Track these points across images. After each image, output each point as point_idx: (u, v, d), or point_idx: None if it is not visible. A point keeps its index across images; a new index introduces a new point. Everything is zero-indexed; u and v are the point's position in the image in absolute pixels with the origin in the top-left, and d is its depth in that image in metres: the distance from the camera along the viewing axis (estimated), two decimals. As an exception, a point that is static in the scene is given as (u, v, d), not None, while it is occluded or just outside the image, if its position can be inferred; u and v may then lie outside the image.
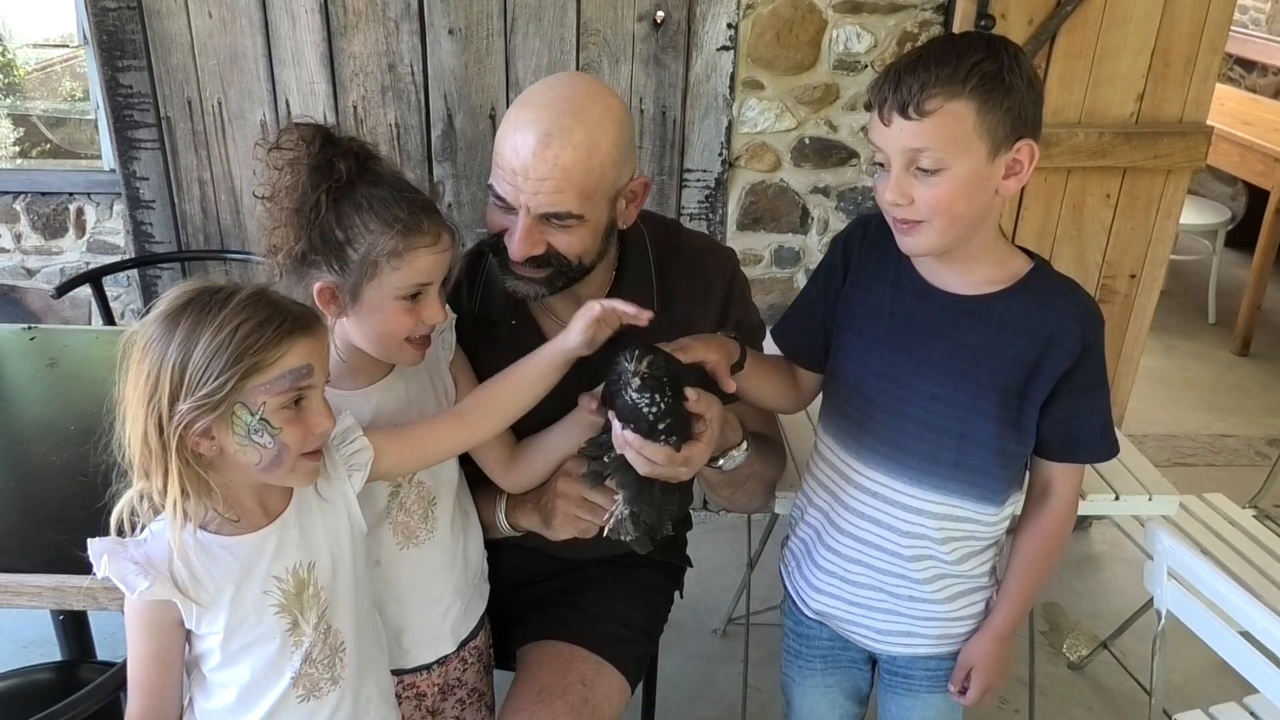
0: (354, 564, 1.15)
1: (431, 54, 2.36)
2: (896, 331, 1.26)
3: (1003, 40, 1.12)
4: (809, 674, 1.48)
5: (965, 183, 1.11)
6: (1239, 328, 3.83)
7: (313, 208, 1.10)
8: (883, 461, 1.28)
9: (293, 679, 1.09)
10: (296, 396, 1.01)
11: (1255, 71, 4.93)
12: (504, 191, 1.22)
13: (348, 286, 1.12)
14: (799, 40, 2.41)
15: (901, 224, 1.16)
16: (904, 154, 1.11)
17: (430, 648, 1.33)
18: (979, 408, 1.22)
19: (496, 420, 1.26)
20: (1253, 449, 3.21)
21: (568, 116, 1.19)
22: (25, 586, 1.29)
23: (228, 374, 0.95)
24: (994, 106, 1.09)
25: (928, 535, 1.29)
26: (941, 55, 1.09)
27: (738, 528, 2.26)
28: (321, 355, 1.04)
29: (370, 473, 1.14)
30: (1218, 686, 2.09)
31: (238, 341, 0.96)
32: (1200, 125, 2.43)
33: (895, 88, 1.10)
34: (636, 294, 1.39)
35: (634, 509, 1.22)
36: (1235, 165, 4.00)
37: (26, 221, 2.65)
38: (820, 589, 1.40)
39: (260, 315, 0.98)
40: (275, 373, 0.98)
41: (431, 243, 1.13)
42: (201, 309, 0.97)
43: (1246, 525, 2.19)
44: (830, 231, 2.62)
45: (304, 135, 1.11)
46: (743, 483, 1.37)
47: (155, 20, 2.31)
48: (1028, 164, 1.14)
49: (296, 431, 1.01)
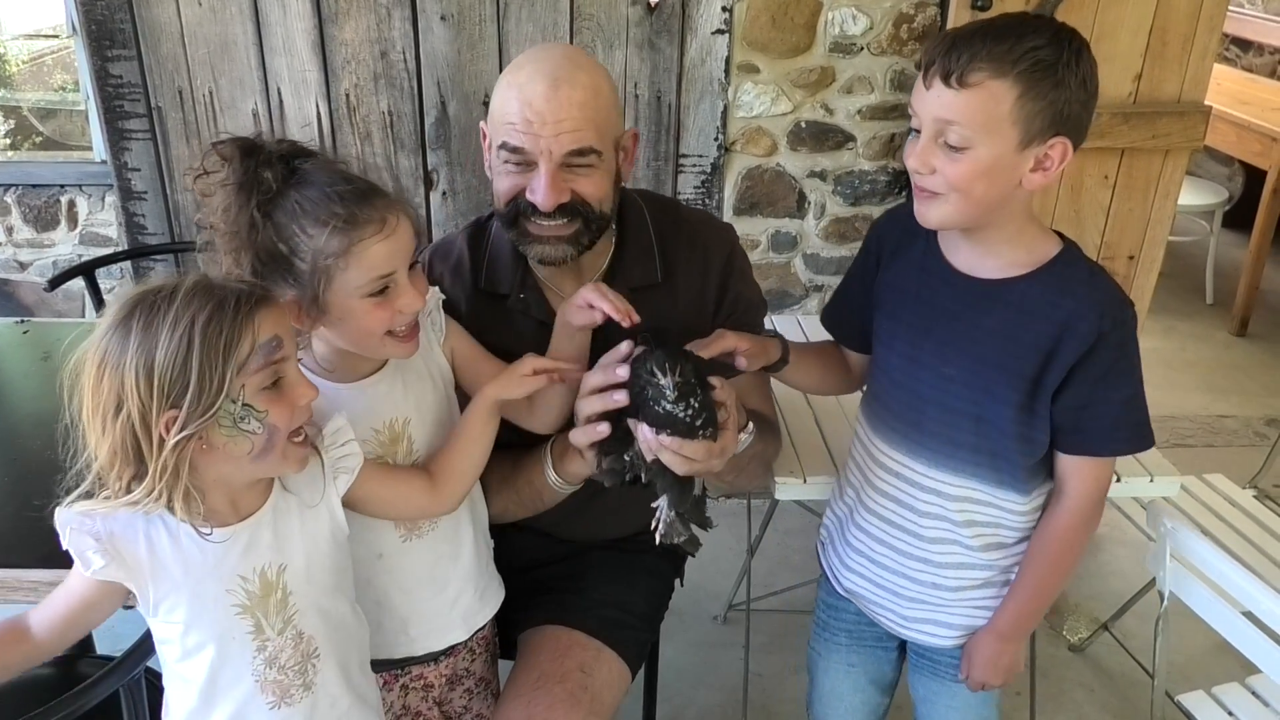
0: (334, 568, 1.12)
1: (424, 40, 2.34)
2: (919, 313, 1.26)
3: (1071, 33, 1.08)
4: (834, 649, 1.48)
5: (988, 166, 1.09)
6: (1237, 308, 3.82)
7: (249, 227, 1.05)
8: (903, 441, 1.29)
9: (257, 683, 1.07)
10: (274, 376, 0.98)
11: (1252, 51, 4.91)
12: (521, 143, 1.21)
13: (308, 297, 1.07)
14: (794, 23, 2.39)
15: (920, 191, 1.16)
16: (934, 123, 1.10)
17: (439, 636, 1.32)
18: (995, 391, 1.20)
19: (461, 484, 1.22)
20: (1251, 429, 3.21)
21: (567, 63, 1.23)
22: (22, 581, 1.28)
23: (206, 369, 0.92)
24: (1038, 96, 1.06)
25: (948, 517, 1.28)
26: (1001, 31, 1.07)
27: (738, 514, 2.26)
28: (284, 325, 1.00)
29: (355, 479, 1.11)
30: (1219, 667, 2.09)
31: (200, 331, 0.92)
32: (1198, 105, 2.42)
33: (945, 51, 1.07)
34: (638, 265, 1.38)
35: (679, 510, 1.22)
36: (1232, 145, 3.99)
37: (18, 214, 2.63)
38: (851, 568, 1.41)
39: (212, 301, 0.94)
40: (246, 353, 0.95)
41: (377, 231, 1.06)
42: (149, 310, 0.93)
43: (1246, 505, 2.19)
44: (827, 216, 2.61)
45: (223, 154, 1.06)
46: (746, 464, 1.37)
47: (144, 9, 2.29)
48: (1058, 163, 1.11)
49: (282, 410, 0.99)
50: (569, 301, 1.25)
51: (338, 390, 1.18)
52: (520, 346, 1.29)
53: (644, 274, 1.38)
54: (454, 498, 1.23)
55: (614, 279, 1.37)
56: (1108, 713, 2.16)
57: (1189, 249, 4.24)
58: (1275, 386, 3.49)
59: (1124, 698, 2.19)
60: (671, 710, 2.10)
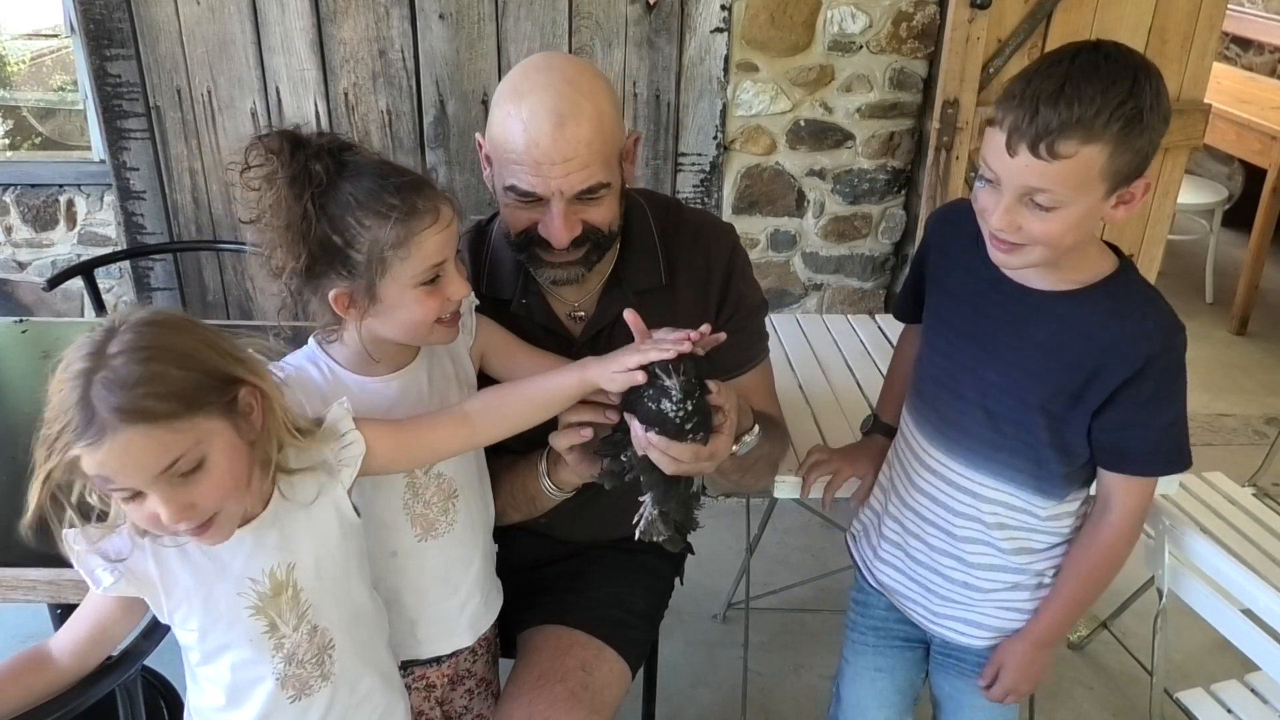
0: (344, 561, 1.12)
1: (422, 39, 2.34)
2: (965, 316, 1.26)
3: (1147, 68, 1.05)
4: (861, 652, 1.48)
5: (1079, 220, 1.08)
6: (1236, 307, 3.82)
7: (302, 219, 1.05)
8: (944, 441, 1.29)
9: (278, 680, 1.07)
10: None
11: (1251, 50, 4.90)
12: (529, 185, 1.20)
13: (362, 288, 1.08)
14: (793, 21, 2.39)
15: (998, 241, 1.13)
16: (1021, 188, 1.07)
17: (446, 640, 1.32)
18: (1035, 402, 1.20)
19: (503, 430, 1.19)
20: (1251, 428, 3.20)
21: (569, 93, 1.19)
22: (20, 580, 1.28)
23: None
24: (1127, 149, 1.04)
25: (980, 519, 1.29)
26: (1085, 90, 1.02)
27: (737, 513, 2.26)
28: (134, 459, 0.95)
29: (361, 468, 1.10)
30: (1217, 665, 2.10)
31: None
32: (1198, 103, 2.42)
33: (1031, 119, 1.03)
34: (643, 267, 1.38)
35: (663, 508, 1.21)
36: (1232, 144, 3.98)
37: (17, 214, 2.63)
38: (884, 560, 1.42)
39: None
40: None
41: (433, 221, 1.08)
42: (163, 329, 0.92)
43: (1246, 504, 2.18)
44: (826, 215, 2.61)
45: (271, 147, 1.06)
46: (752, 465, 1.37)
47: (142, 8, 2.29)
48: (1140, 197, 1.10)
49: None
50: (608, 368, 1.14)
51: (366, 385, 1.18)
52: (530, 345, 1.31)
53: (649, 277, 1.38)
54: (489, 436, 1.20)
55: (619, 283, 1.37)
56: (1107, 711, 2.16)
57: (1188, 248, 4.24)
58: (1274, 385, 3.49)
59: (1123, 695, 2.19)
60: (671, 709, 2.10)
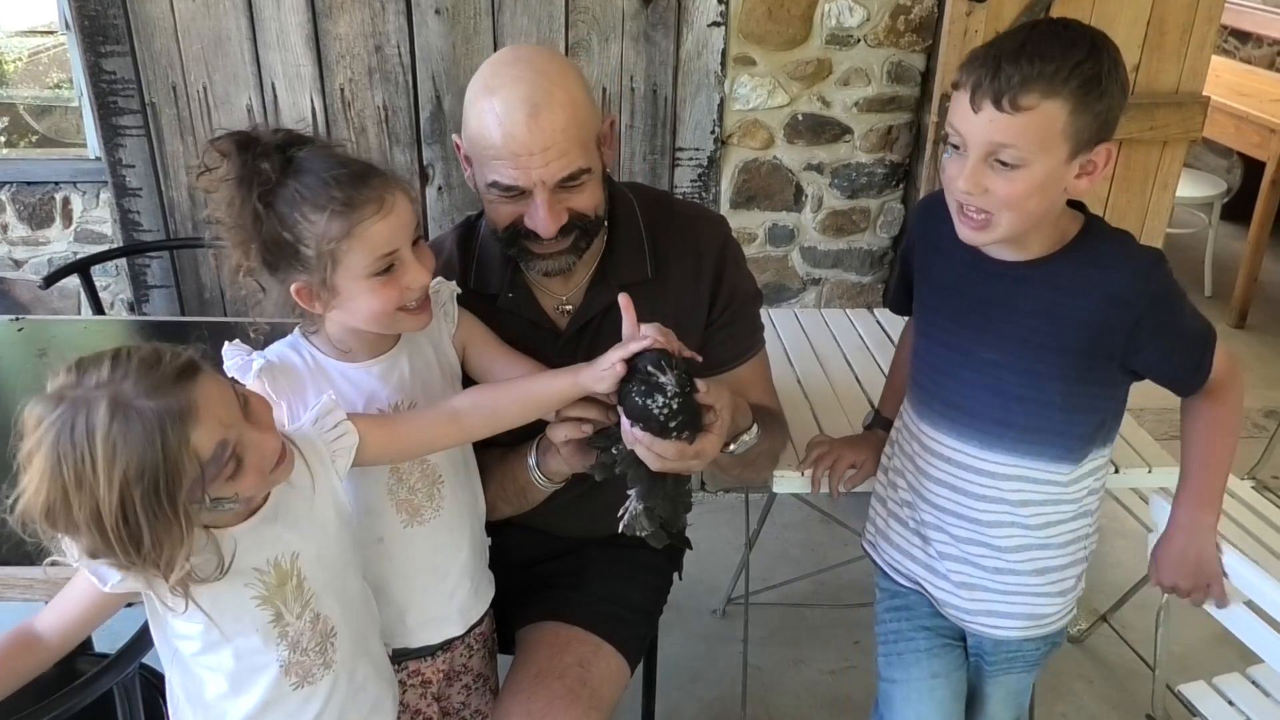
0: (342, 549, 1.14)
1: (419, 34, 2.33)
2: (953, 302, 1.28)
3: (1105, 39, 1.11)
4: (914, 661, 1.42)
5: (1041, 182, 1.11)
6: (1235, 300, 3.82)
7: (253, 219, 1.07)
8: (952, 427, 1.30)
9: (282, 667, 1.08)
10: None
11: (1250, 43, 4.90)
12: (511, 178, 1.21)
13: (317, 281, 1.10)
14: (790, 15, 2.38)
15: (966, 216, 1.17)
16: (986, 145, 1.11)
17: (435, 629, 1.32)
18: (1042, 371, 1.22)
19: (491, 428, 1.22)
20: (1250, 421, 3.20)
21: (540, 82, 1.20)
22: (17, 579, 1.28)
23: (159, 527, 0.92)
24: (1086, 110, 1.08)
25: (1005, 499, 1.29)
26: (1046, 49, 1.07)
27: (736, 508, 2.26)
28: (221, 403, 0.96)
29: (354, 457, 1.12)
30: (1218, 658, 2.10)
31: (136, 489, 0.90)
32: (1196, 96, 2.42)
33: (993, 75, 1.07)
34: (630, 260, 1.38)
35: (648, 504, 1.20)
36: (1231, 137, 3.98)
37: (12, 212, 2.62)
38: (913, 556, 1.41)
39: (135, 442, 0.90)
40: (193, 481, 0.94)
41: (375, 211, 1.08)
42: (76, 461, 0.90)
43: (1245, 496, 2.18)
44: (824, 209, 2.60)
45: (221, 149, 1.08)
46: (753, 461, 1.37)
47: (137, 4, 2.27)
48: (1101, 166, 1.13)
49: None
50: (596, 368, 1.14)
51: (343, 370, 1.20)
52: (511, 346, 1.31)
53: (635, 270, 1.38)
54: (476, 434, 1.23)
55: (606, 277, 1.37)
56: (1107, 704, 2.16)
57: (1187, 241, 4.24)
58: (1274, 378, 3.49)
59: (1123, 688, 2.20)
60: (671, 704, 2.10)
